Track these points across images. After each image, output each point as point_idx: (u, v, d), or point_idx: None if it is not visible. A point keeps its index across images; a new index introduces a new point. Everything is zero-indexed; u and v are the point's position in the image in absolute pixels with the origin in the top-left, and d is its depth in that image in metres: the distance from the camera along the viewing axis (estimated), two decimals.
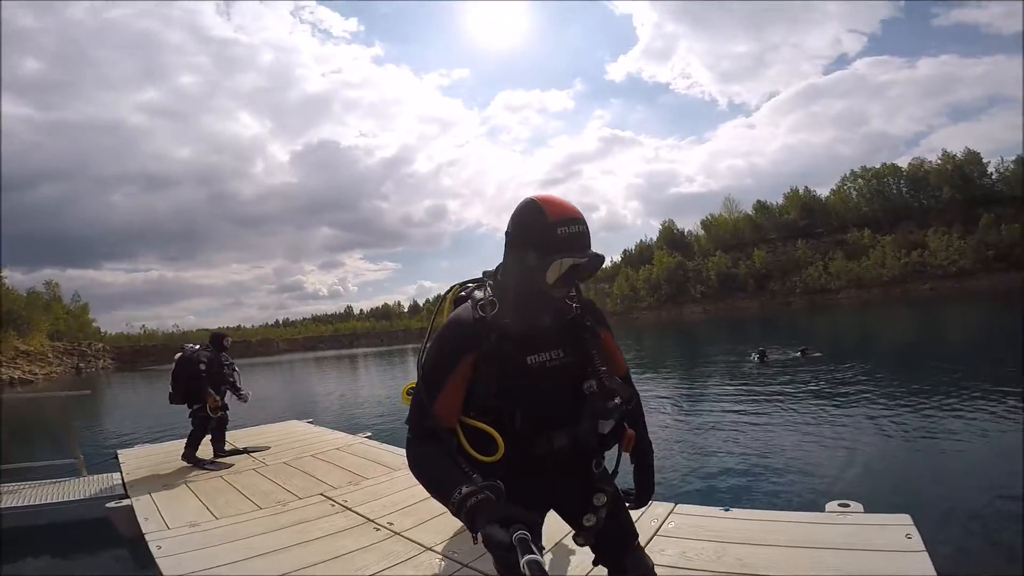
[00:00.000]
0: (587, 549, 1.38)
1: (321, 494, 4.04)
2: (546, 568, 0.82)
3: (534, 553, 0.82)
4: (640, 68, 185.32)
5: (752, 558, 2.38)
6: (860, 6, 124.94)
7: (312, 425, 7.41)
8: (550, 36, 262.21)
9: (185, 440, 5.34)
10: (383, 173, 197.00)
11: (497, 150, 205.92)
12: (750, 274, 69.44)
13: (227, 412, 5.60)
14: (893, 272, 58.90)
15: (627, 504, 1.46)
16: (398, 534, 3.14)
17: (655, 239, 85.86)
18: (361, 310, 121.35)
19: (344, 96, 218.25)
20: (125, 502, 4.06)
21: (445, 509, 1.10)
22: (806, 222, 70.37)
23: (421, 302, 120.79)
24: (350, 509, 3.64)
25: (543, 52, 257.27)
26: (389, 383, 19.31)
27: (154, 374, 37.01)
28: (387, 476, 4.42)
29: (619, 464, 1.43)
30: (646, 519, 2.88)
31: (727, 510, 2.95)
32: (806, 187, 74.06)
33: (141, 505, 3.94)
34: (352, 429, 7.35)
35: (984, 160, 62.23)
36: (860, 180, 69.43)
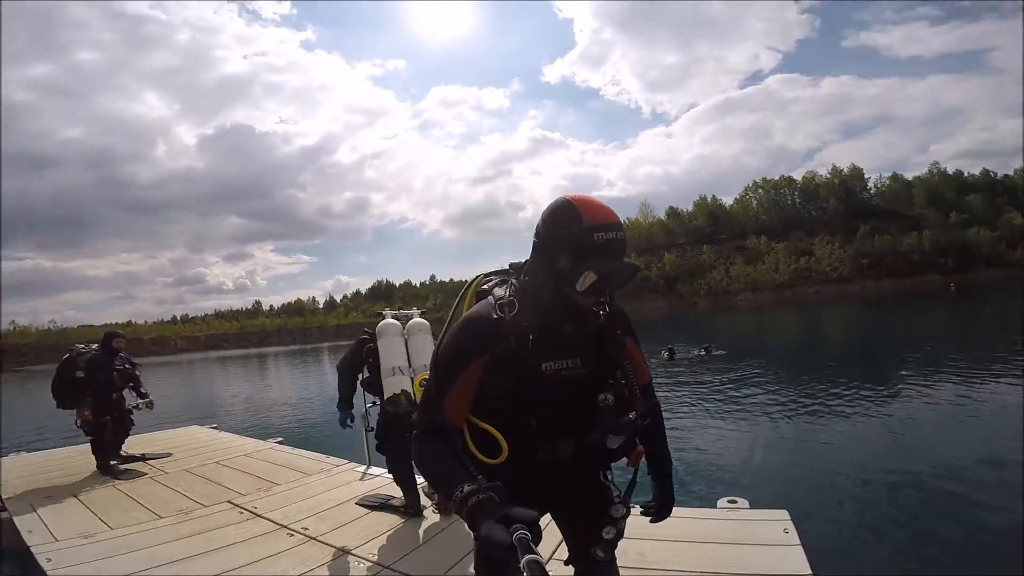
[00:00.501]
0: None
1: (228, 501, 3.81)
2: (546, 568, 0.81)
3: (534, 553, 0.82)
4: (575, 72, 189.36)
5: (654, 553, 2.50)
6: (780, 24, 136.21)
7: (216, 431, 6.93)
8: (493, 34, 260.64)
9: (75, 447, 4.82)
10: (302, 162, 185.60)
11: (428, 144, 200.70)
12: (661, 276, 73.72)
13: (131, 417, 5.18)
14: (784, 276, 65.22)
15: (648, 517, 1.46)
16: (314, 539, 3.05)
17: None
18: (271, 306, 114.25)
19: (266, 80, 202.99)
20: (3, 515, 3.66)
21: (365, 512, 1.12)
22: (712, 228, 76.13)
23: (338, 297, 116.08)
24: (261, 516, 3.47)
25: (484, 50, 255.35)
26: (302, 384, 18.41)
27: (27, 375, 32.60)
28: (300, 481, 4.25)
29: (636, 478, 1.36)
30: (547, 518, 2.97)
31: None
32: (713, 195, 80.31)
33: (23, 517, 3.55)
34: (261, 434, 6.97)
35: (865, 176, 70.73)
36: (760, 190, 76.41)
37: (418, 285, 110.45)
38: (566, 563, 1.40)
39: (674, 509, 1.46)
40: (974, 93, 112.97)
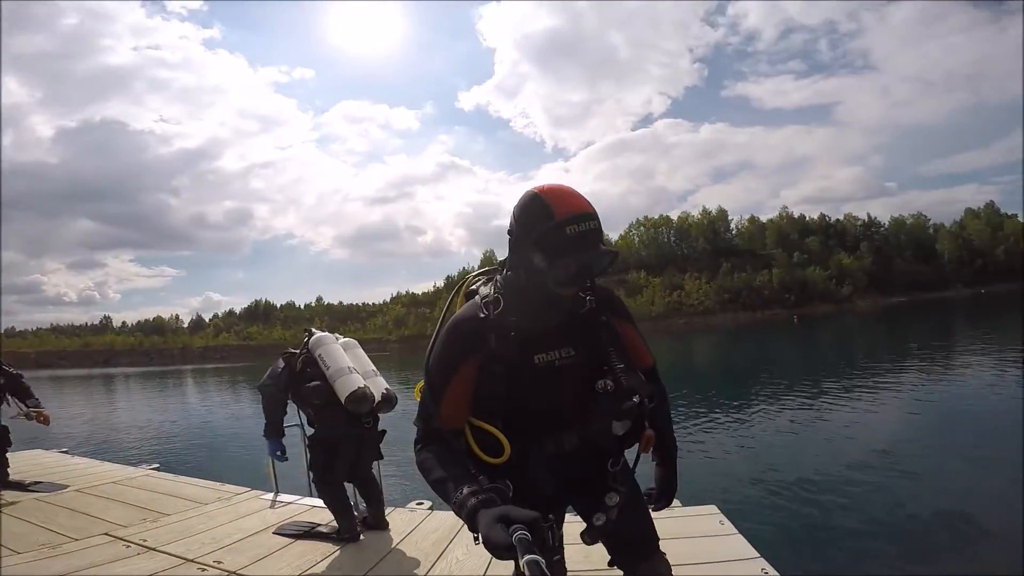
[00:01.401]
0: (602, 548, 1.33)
1: (106, 534, 3.11)
2: (546, 568, 0.79)
3: (534, 553, 0.80)
4: (489, 101, 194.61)
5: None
6: (674, 71, 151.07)
7: (69, 455, 5.74)
8: (414, 54, 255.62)
9: None
10: (179, 165, 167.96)
11: (326, 159, 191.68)
12: None
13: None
14: (659, 308, 71.36)
15: (649, 505, 1.41)
16: (234, 572, 2.57)
17: (476, 267, 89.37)
18: (124, 322, 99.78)
19: (152, 75, 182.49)
20: None
21: (288, 541, 0.96)
22: None
23: (207, 317, 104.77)
24: (155, 549, 2.85)
25: (403, 69, 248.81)
26: (160, 406, 16.14)
27: None
28: (195, 511, 3.62)
29: (637, 463, 1.35)
30: None
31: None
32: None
33: None
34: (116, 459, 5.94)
35: (729, 217, 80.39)
36: (642, 228, 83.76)
37: (302, 307, 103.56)
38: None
39: None
40: (819, 143, 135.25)
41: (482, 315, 1.20)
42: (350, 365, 2.97)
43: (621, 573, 1.36)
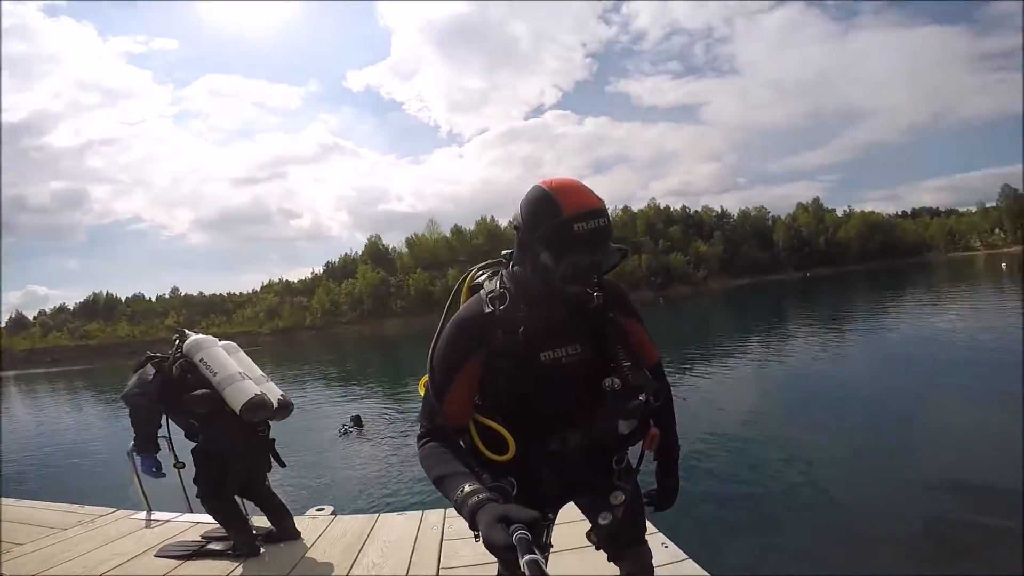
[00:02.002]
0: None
1: None
2: (546, 568, 0.81)
3: (534, 553, 0.81)
4: (381, 83, 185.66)
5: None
6: (569, 65, 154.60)
7: None
8: (302, 28, 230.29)
9: None
10: None
11: (185, 136, 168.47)
12: (444, 292, 76.51)
13: None
14: None
15: (649, 507, 1.41)
16: None
17: (360, 253, 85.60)
18: None
19: None
20: None
21: (176, 563, 1.02)
22: (489, 247, 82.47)
23: (31, 314, 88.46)
24: None
25: (287, 43, 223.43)
26: None
27: None
28: (54, 538, 3.25)
29: (641, 462, 1.34)
30: (425, 528, 2.91)
31: None
32: (492, 216, 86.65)
33: None
34: None
35: (607, 207, 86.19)
36: None
37: (154, 299, 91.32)
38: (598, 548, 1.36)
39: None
40: (686, 140, 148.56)
41: (487, 310, 1.19)
42: (240, 371, 2.81)
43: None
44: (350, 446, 8.15)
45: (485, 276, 1.33)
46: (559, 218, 1.08)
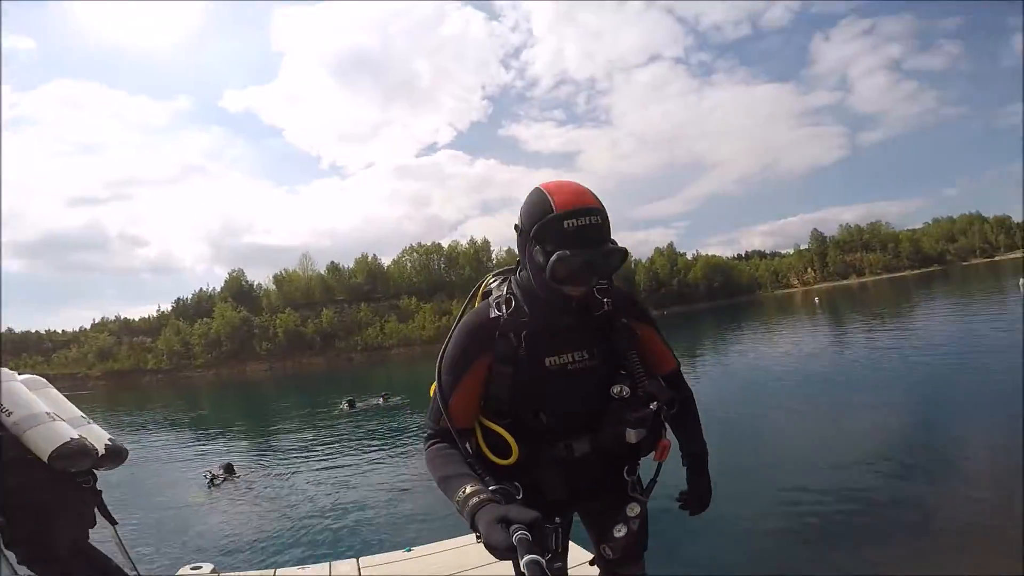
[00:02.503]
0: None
1: None
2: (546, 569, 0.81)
3: (534, 553, 0.81)
4: (263, 106, 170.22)
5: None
6: (466, 106, 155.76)
7: None
8: (179, 39, 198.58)
9: None
10: None
11: (15, 143, 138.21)
12: (318, 332, 71.88)
13: None
14: (430, 333, 73.49)
15: (683, 508, 1.38)
16: None
17: (219, 289, 77.52)
18: None
19: None
20: None
21: None
22: (370, 287, 79.76)
23: None
24: None
25: (159, 53, 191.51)
26: None
27: None
28: None
29: (658, 475, 1.31)
30: None
31: (409, 551, 3.04)
32: (374, 255, 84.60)
33: None
34: None
35: (492, 248, 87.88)
36: (415, 254, 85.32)
37: None
38: (591, 563, 1.36)
39: (455, 540, 1.43)
40: None
41: (494, 315, 1.19)
42: (48, 411, 2.34)
43: None
44: (223, 497, 7.32)
45: (497, 282, 1.33)
46: (550, 214, 1.09)
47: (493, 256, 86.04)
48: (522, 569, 0.79)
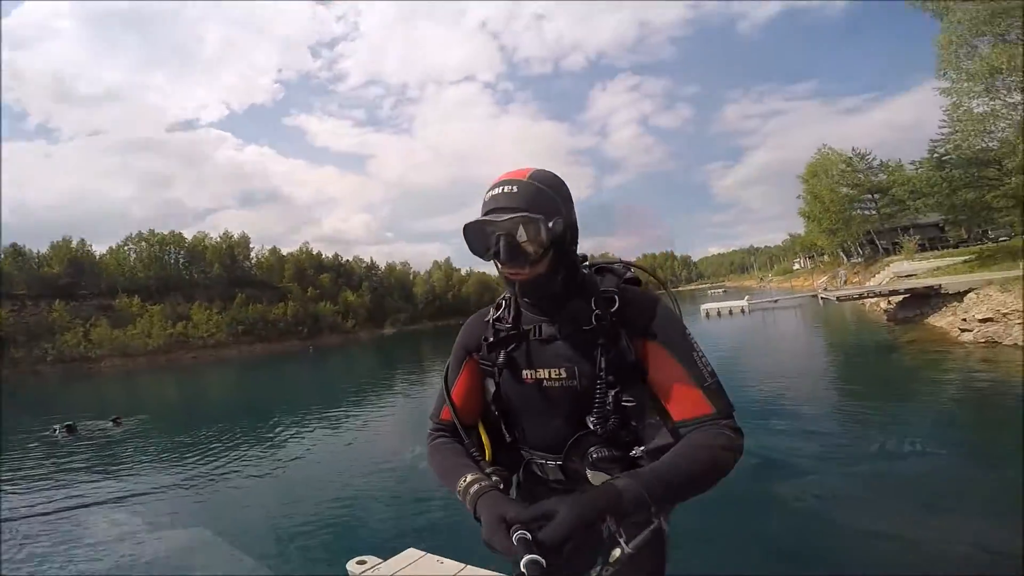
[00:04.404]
0: None
1: None
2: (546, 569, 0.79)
3: (534, 553, 0.80)
4: None
5: None
6: (251, 84, 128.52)
7: None
8: None
9: None
10: None
11: None
12: None
13: None
14: (159, 341, 60.82)
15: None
16: None
17: None
18: None
19: None
20: None
21: None
22: (71, 280, 61.80)
23: None
24: None
25: None
26: None
27: None
28: None
29: (651, 525, 0.98)
30: None
31: None
32: (82, 239, 65.46)
33: None
34: None
35: (251, 245, 76.88)
36: (143, 243, 68.80)
37: None
38: None
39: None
40: (348, 188, 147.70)
41: (486, 318, 1.19)
42: None
43: None
44: None
45: None
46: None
47: (253, 255, 76.48)
48: (522, 569, 0.78)
